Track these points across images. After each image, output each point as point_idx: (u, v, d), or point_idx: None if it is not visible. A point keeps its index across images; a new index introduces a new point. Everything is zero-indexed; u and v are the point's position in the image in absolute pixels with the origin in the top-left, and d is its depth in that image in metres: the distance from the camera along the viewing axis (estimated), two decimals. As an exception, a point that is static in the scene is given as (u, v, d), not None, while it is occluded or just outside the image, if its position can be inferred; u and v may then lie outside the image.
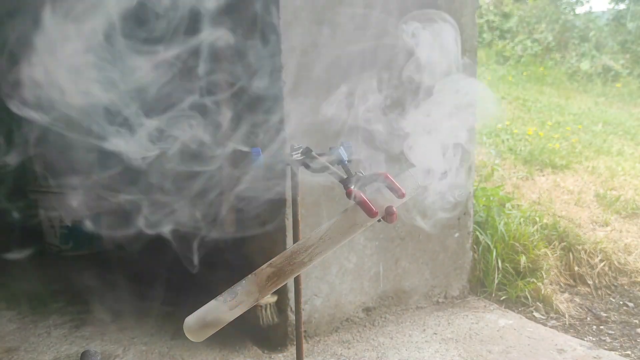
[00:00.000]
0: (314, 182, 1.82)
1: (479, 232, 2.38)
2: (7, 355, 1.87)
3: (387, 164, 0.99)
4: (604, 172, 3.58)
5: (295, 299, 1.30)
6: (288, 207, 1.79)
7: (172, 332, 1.98)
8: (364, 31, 1.86)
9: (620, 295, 2.34)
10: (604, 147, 4.17)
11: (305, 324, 1.90)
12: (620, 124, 4.96)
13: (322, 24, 1.78)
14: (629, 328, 2.11)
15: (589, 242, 2.52)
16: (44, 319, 2.13)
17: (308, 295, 1.89)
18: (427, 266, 2.15)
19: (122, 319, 2.11)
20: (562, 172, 3.57)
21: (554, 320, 2.15)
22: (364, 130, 1.02)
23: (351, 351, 1.86)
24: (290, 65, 1.74)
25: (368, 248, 1.99)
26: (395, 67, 1.94)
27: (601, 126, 4.85)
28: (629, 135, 4.65)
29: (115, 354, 1.86)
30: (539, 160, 3.69)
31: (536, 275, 2.32)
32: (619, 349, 1.96)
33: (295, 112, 1.77)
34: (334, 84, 1.29)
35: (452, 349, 1.87)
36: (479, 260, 2.34)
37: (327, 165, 1.08)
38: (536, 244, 2.44)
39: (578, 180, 3.44)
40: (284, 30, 1.72)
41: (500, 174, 3.40)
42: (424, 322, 2.06)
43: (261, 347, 1.88)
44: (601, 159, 3.88)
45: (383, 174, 0.91)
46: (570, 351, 1.87)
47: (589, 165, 3.71)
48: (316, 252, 0.89)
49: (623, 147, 4.27)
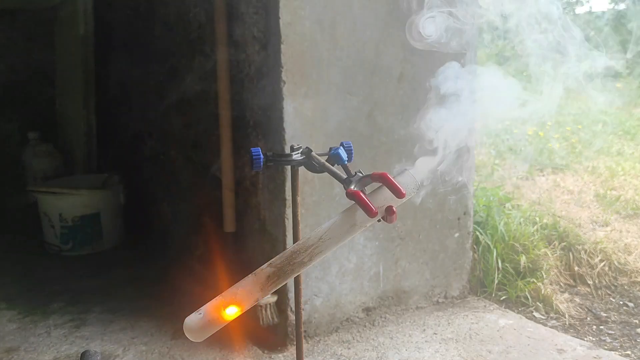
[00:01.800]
0: (314, 181, 1.83)
1: (479, 232, 2.38)
2: (7, 355, 1.87)
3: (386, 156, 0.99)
4: (604, 172, 3.58)
5: (295, 299, 1.30)
6: (288, 207, 1.79)
7: (172, 332, 1.98)
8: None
9: (620, 295, 2.34)
10: (604, 147, 4.17)
11: (305, 324, 1.90)
12: (620, 124, 4.96)
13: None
14: (629, 328, 2.11)
15: (589, 242, 2.52)
16: (44, 319, 2.13)
17: (308, 295, 1.89)
18: (427, 266, 2.15)
19: (122, 319, 2.11)
20: (562, 172, 3.57)
21: (554, 320, 2.15)
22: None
23: (351, 351, 1.86)
24: (290, 65, 1.74)
25: (368, 248, 1.99)
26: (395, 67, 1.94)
27: (601, 126, 4.85)
28: (629, 135, 4.65)
29: (115, 354, 1.86)
30: (539, 160, 3.69)
31: (536, 275, 2.32)
32: (619, 349, 1.96)
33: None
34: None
35: (452, 349, 1.87)
36: (479, 260, 2.34)
37: (327, 165, 1.08)
38: (536, 244, 2.44)
39: (578, 180, 3.45)
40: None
41: (500, 174, 3.40)
42: (424, 322, 2.06)
43: (261, 347, 1.88)
44: (601, 159, 3.88)
45: (383, 174, 0.91)
46: (570, 351, 1.87)
47: (589, 165, 3.71)
48: (316, 252, 0.89)
49: (623, 147, 4.27)
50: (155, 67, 2.64)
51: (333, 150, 1.08)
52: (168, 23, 2.51)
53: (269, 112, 1.82)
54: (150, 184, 2.95)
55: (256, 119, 1.90)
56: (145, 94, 2.84)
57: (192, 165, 2.44)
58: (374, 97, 1.90)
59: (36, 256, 2.82)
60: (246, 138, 1.96)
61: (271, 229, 1.89)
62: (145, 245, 2.87)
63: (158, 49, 2.63)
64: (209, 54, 2.12)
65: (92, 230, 2.85)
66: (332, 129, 1.83)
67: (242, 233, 2.06)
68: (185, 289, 2.15)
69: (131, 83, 3.02)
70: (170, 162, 2.65)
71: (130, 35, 3.01)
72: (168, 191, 2.72)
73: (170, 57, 2.49)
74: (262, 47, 1.82)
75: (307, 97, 1.77)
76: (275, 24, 1.71)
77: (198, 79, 2.22)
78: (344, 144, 1.12)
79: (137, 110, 3.01)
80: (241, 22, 1.91)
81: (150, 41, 2.68)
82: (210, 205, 2.17)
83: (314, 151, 1.12)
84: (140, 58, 2.83)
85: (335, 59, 1.81)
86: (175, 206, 2.68)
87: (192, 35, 2.27)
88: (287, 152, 1.16)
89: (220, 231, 2.06)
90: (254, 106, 1.90)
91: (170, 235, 2.74)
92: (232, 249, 2.04)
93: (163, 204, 2.81)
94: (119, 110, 3.26)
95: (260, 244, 1.97)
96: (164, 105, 2.54)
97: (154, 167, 2.85)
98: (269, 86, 1.79)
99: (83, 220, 2.82)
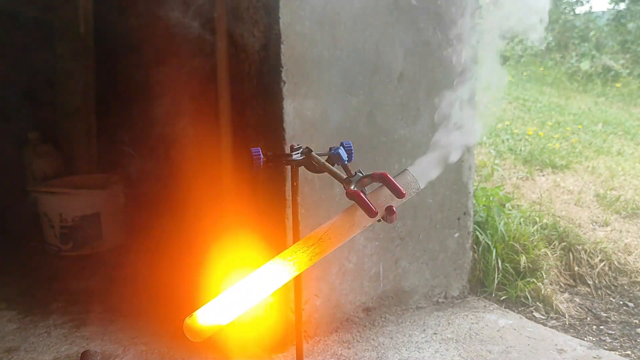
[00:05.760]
0: (314, 181, 1.83)
1: (479, 232, 2.38)
2: (7, 355, 1.87)
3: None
4: (604, 172, 3.58)
5: (295, 299, 1.30)
6: (288, 207, 1.79)
7: (172, 332, 1.97)
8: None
9: (620, 295, 2.34)
10: (604, 147, 4.17)
11: (305, 324, 1.90)
12: (620, 124, 4.96)
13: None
14: (629, 328, 2.11)
15: (589, 242, 2.52)
16: (44, 319, 2.13)
17: (308, 295, 1.89)
18: (427, 266, 2.15)
19: (122, 319, 2.11)
20: (562, 172, 3.57)
21: (554, 320, 2.15)
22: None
23: (351, 351, 1.86)
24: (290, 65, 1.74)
25: (368, 248, 1.99)
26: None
27: (601, 126, 4.86)
28: (629, 135, 4.65)
29: (115, 354, 1.86)
30: (539, 160, 3.69)
31: (536, 275, 2.32)
32: (619, 349, 1.96)
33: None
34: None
35: (452, 349, 1.87)
36: (479, 260, 2.34)
37: (327, 165, 1.08)
38: (536, 244, 2.44)
39: (578, 180, 3.45)
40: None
41: (500, 174, 3.40)
42: (424, 322, 2.06)
43: (261, 347, 1.88)
44: (601, 159, 3.88)
45: (383, 174, 0.91)
46: (570, 351, 1.87)
47: (589, 165, 3.71)
48: (316, 252, 0.89)
49: (623, 147, 4.27)
50: (155, 67, 2.63)
51: (333, 150, 1.08)
52: (168, 23, 2.51)
53: (269, 112, 1.82)
54: (150, 183, 2.94)
55: (256, 119, 1.90)
56: (145, 93, 2.84)
57: (192, 165, 2.43)
58: (374, 97, 1.90)
59: (36, 256, 2.82)
60: (246, 138, 1.96)
61: (271, 229, 1.89)
62: (145, 245, 2.87)
63: (158, 49, 2.62)
64: (209, 54, 2.12)
65: (92, 230, 2.85)
66: (332, 129, 1.83)
67: (241, 233, 2.05)
68: (185, 289, 2.14)
69: (131, 83, 3.02)
70: (170, 161, 2.64)
71: (130, 35, 3.01)
72: (168, 191, 2.72)
73: (171, 56, 2.49)
74: (262, 47, 1.82)
75: (307, 97, 1.77)
76: (275, 24, 1.71)
77: (198, 79, 2.22)
78: (344, 143, 1.12)
79: (137, 110, 3.01)
80: (241, 22, 1.91)
81: (151, 41, 2.68)
82: (210, 205, 2.16)
83: (314, 151, 1.12)
84: (140, 58, 2.83)
85: (335, 59, 1.81)
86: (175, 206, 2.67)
87: (192, 35, 2.27)
88: (287, 152, 1.16)
89: (220, 231, 2.06)
90: (253, 106, 1.90)
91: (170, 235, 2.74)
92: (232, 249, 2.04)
93: (163, 203, 2.80)
94: (119, 109, 3.26)
95: (260, 244, 1.97)
96: (163, 106, 2.54)
97: (154, 167, 2.85)
98: (268, 86, 1.79)
99: (83, 220, 2.82)
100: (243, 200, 2.03)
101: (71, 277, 2.55)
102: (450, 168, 2.13)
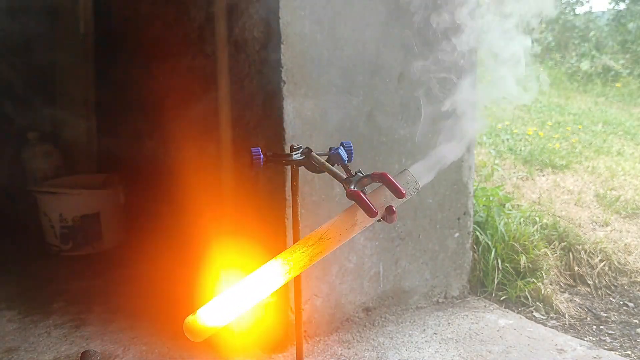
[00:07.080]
0: (314, 181, 1.83)
1: (479, 232, 2.38)
2: (7, 355, 1.87)
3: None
4: (604, 172, 3.58)
5: (295, 299, 1.30)
6: (288, 207, 1.79)
7: (172, 332, 1.97)
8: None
9: (620, 295, 2.34)
10: (604, 147, 4.17)
11: (305, 324, 1.90)
12: (620, 124, 4.96)
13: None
14: (629, 328, 2.11)
15: (589, 242, 2.52)
16: (44, 319, 2.13)
17: (308, 295, 1.89)
18: (427, 266, 2.15)
19: (122, 319, 2.11)
20: (562, 172, 3.57)
21: (554, 320, 2.15)
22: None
23: (351, 351, 1.86)
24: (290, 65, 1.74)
25: (368, 248, 1.99)
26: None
27: (601, 126, 4.86)
28: (629, 135, 4.65)
29: (115, 354, 1.86)
30: (539, 160, 3.69)
31: (536, 275, 2.32)
32: (619, 349, 1.96)
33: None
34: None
35: (452, 349, 1.87)
36: (479, 260, 2.34)
37: (327, 165, 1.08)
38: (536, 244, 2.44)
39: (578, 180, 3.45)
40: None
41: (500, 174, 3.40)
42: (424, 322, 2.06)
43: (261, 347, 1.88)
44: (601, 159, 3.88)
45: (383, 174, 0.91)
46: (570, 351, 1.87)
47: (589, 165, 3.71)
48: (316, 252, 0.89)
49: (623, 147, 4.27)
50: (156, 67, 2.64)
51: (333, 150, 1.08)
52: (168, 22, 2.51)
53: (269, 112, 1.82)
54: (150, 183, 2.94)
55: (256, 119, 1.90)
56: (145, 93, 2.84)
57: (192, 165, 2.43)
58: (374, 97, 1.90)
59: (36, 256, 2.82)
60: (246, 138, 1.96)
61: (271, 229, 1.89)
62: (146, 245, 2.87)
63: (158, 49, 2.62)
64: (209, 54, 2.12)
65: (92, 230, 2.85)
66: (332, 129, 1.83)
67: (241, 233, 2.05)
68: (185, 289, 2.14)
69: (131, 82, 3.02)
70: (170, 161, 2.64)
71: (130, 35, 3.01)
72: (168, 191, 2.72)
73: (171, 56, 2.49)
74: (262, 47, 1.82)
75: (307, 97, 1.77)
76: (275, 24, 1.71)
77: (198, 79, 2.22)
78: (344, 143, 1.12)
79: (137, 110, 3.01)
80: (241, 22, 1.91)
81: (151, 40, 2.68)
82: (210, 205, 2.16)
83: (314, 151, 1.12)
84: (140, 57, 2.83)
85: (335, 59, 1.81)
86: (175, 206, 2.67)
87: (192, 35, 2.27)
88: (287, 152, 1.16)
89: (220, 231, 2.06)
90: (253, 106, 1.90)
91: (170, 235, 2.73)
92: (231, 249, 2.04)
93: (163, 203, 2.80)
94: (119, 110, 3.26)
95: (260, 244, 1.97)
96: (164, 105, 2.54)
97: (154, 166, 2.85)
98: (268, 86, 1.79)
99: (83, 220, 2.82)
100: (243, 200, 2.03)
101: (71, 277, 2.56)
102: (450, 168, 2.13)
